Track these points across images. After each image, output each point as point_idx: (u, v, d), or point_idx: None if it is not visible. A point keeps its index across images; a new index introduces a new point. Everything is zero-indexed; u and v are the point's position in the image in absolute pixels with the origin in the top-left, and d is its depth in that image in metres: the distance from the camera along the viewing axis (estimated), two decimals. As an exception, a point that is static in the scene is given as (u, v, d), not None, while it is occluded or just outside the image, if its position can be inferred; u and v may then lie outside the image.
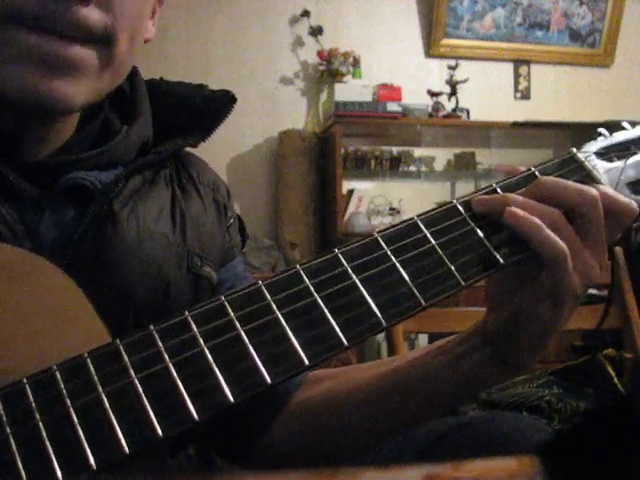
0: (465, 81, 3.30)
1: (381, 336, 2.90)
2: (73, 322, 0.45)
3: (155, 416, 0.39)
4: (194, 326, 0.42)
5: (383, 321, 0.44)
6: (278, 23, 3.32)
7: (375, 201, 3.37)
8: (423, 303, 0.46)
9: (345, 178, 3.13)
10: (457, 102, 3.30)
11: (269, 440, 0.66)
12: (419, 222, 0.49)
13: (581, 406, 1.14)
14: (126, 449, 0.38)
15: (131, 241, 0.60)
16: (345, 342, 0.43)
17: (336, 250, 0.47)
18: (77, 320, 0.45)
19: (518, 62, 3.60)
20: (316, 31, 3.24)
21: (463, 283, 0.47)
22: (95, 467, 0.37)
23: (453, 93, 3.31)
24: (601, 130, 0.60)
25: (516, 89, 3.62)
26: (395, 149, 3.38)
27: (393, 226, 0.49)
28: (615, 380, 1.22)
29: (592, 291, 2.84)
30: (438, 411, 0.62)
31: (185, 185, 0.69)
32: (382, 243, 0.48)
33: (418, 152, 3.41)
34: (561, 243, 0.48)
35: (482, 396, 1.22)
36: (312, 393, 0.66)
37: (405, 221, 0.49)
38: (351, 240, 0.48)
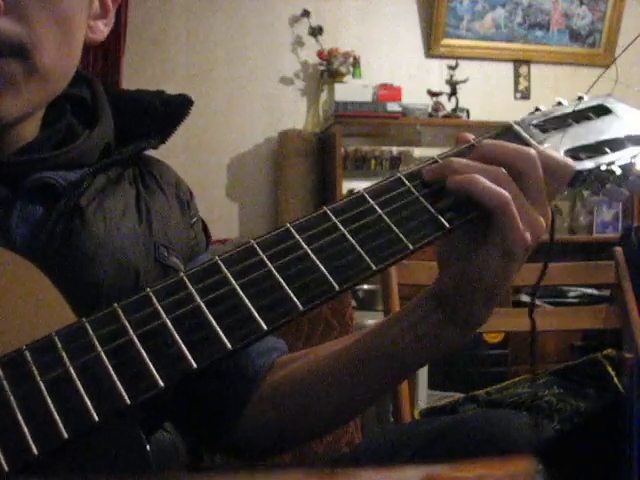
0: (465, 81, 3.30)
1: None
2: (42, 310, 0.47)
3: (122, 385, 0.41)
4: (155, 300, 0.45)
5: (336, 285, 0.46)
6: (278, 23, 3.32)
7: (375, 201, 3.37)
8: (373, 267, 0.48)
9: (345, 178, 3.13)
10: (457, 102, 3.30)
11: (243, 425, 0.67)
12: (365, 195, 0.51)
13: (581, 406, 1.14)
14: (95, 417, 0.40)
15: (99, 235, 0.62)
16: (300, 307, 0.45)
17: (288, 224, 0.49)
18: (46, 308, 0.47)
19: (518, 62, 3.59)
20: (316, 31, 3.24)
21: (411, 247, 0.49)
22: (66, 436, 0.39)
23: (453, 93, 3.31)
24: (538, 106, 0.62)
25: (516, 89, 3.62)
26: (395, 149, 3.38)
27: (341, 199, 0.51)
28: (615, 380, 1.22)
29: (592, 291, 2.84)
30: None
31: (149, 184, 0.72)
32: (330, 215, 0.50)
33: (418, 152, 3.42)
34: (500, 190, 0.50)
35: (482, 396, 1.22)
36: (282, 374, 0.68)
37: (353, 194, 0.52)
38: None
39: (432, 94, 3.29)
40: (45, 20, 0.57)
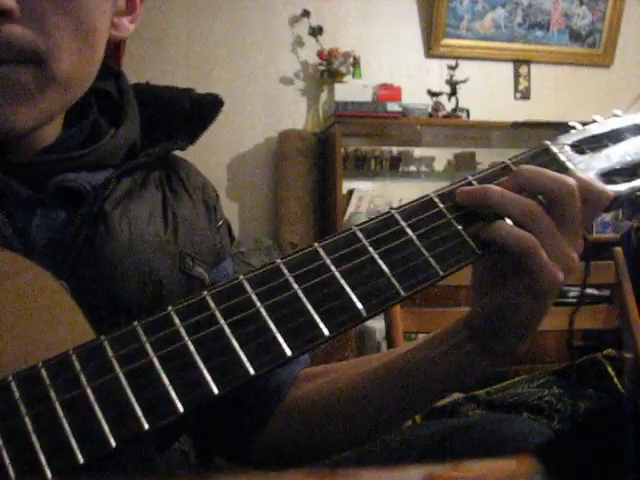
0: (465, 81, 3.30)
1: (381, 336, 2.90)
2: (58, 321, 0.46)
3: (140, 409, 0.40)
4: (177, 320, 0.43)
5: (364, 311, 0.45)
6: (278, 23, 3.32)
7: (375, 201, 3.37)
8: (402, 293, 0.46)
9: (345, 178, 3.13)
10: (457, 102, 3.30)
11: (265, 437, 0.67)
12: (396, 215, 0.50)
13: (581, 406, 1.14)
14: (112, 443, 0.39)
15: (123, 242, 0.60)
16: (326, 332, 0.44)
17: (315, 244, 0.48)
18: (62, 319, 0.46)
19: (518, 62, 3.59)
20: (316, 31, 3.24)
21: (441, 273, 0.48)
22: (82, 461, 0.38)
23: (453, 93, 3.31)
24: (574, 123, 0.61)
25: (516, 89, 3.62)
26: (395, 149, 3.37)
27: (371, 219, 0.50)
28: (615, 380, 1.22)
29: (592, 291, 2.84)
30: (426, 404, 0.64)
31: (175, 187, 0.69)
32: (360, 236, 0.48)
33: (418, 152, 3.41)
34: (526, 235, 0.49)
35: (482, 396, 1.22)
36: (305, 390, 0.67)
37: (383, 214, 0.50)
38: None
39: (432, 94, 3.29)
40: (64, 26, 0.54)
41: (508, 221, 0.50)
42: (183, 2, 3.22)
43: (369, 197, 3.36)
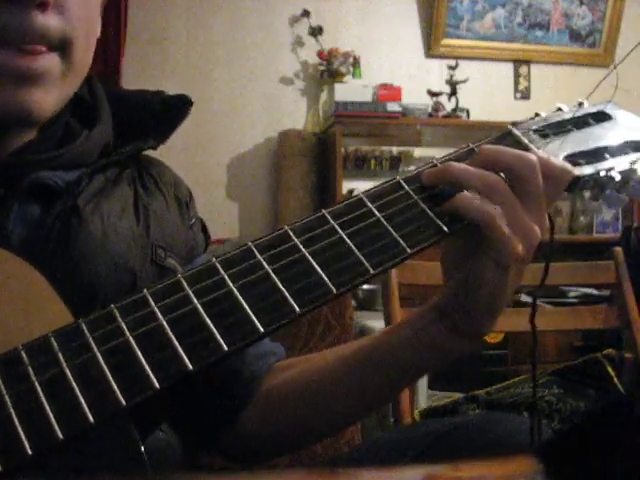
0: (465, 81, 3.30)
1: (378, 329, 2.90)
2: (38, 309, 0.47)
3: (118, 386, 0.41)
4: (152, 302, 0.44)
5: (333, 288, 0.46)
6: (278, 23, 3.32)
7: (375, 201, 3.37)
8: (371, 270, 0.48)
9: (345, 178, 3.13)
10: (457, 102, 3.30)
11: (241, 427, 0.67)
12: (364, 197, 0.51)
13: (581, 406, 1.14)
14: (91, 419, 0.40)
15: (97, 236, 0.62)
16: (297, 309, 0.45)
17: (285, 227, 0.49)
18: (42, 307, 0.47)
19: (518, 62, 3.59)
20: (316, 31, 3.24)
21: (409, 250, 0.49)
22: (61, 437, 0.39)
23: (453, 93, 3.31)
24: (538, 112, 0.62)
25: (516, 89, 3.62)
26: (395, 149, 3.37)
27: (340, 202, 0.51)
28: (615, 380, 1.22)
29: (592, 291, 2.84)
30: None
31: (147, 184, 0.72)
32: (329, 218, 0.50)
33: (418, 152, 3.41)
34: (486, 206, 0.50)
35: (482, 396, 1.22)
36: (280, 379, 0.68)
37: (351, 197, 0.52)
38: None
39: (432, 94, 3.29)
40: (81, 15, 0.59)
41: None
42: (183, 2, 3.22)
43: (369, 197, 3.35)
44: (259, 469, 0.75)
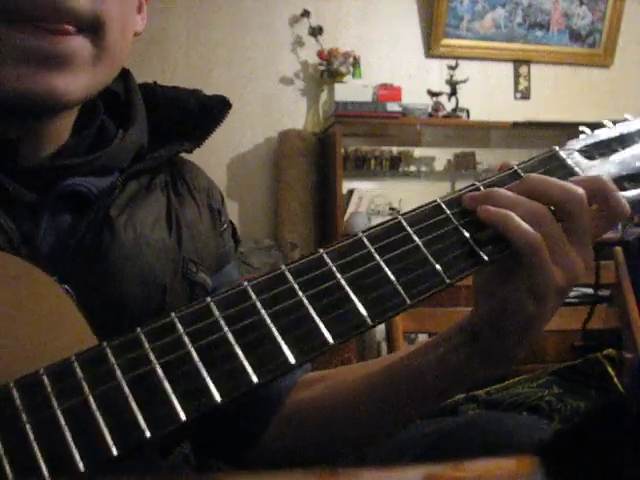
0: (465, 81, 3.30)
1: (381, 336, 2.90)
2: (61, 327, 0.45)
3: (143, 417, 0.39)
4: (180, 327, 0.42)
5: (368, 320, 0.44)
6: (278, 23, 3.32)
7: (375, 201, 3.37)
8: (408, 301, 0.46)
9: (345, 178, 3.13)
10: (457, 102, 3.30)
11: (265, 442, 0.66)
12: (403, 221, 0.49)
13: (581, 406, 1.14)
14: (114, 451, 0.38)
15: (128, 248, 0.60)
16: (331, 340, 0.43)
17: (321, 250, 0.47)
18: (65, 325, 0.45)
19: (518, 62, 3.59)
20: (316, 31, 3.24)
21: (448, 281, 0.47)
22: (83, 469, 0.37)
23: (453, 93, 3.31)
24: (583, 128, 0.60)
25: (516, 89, 3.62)
26: (395, 149, 3.38)
27: (377, 225, 0.49)
28: (615, 380, 1.22)
29: (592, 291, 2.84)
30: (427, 408, 0.63)
31: (180, 191, 0.69)
32: (366, 242, 0.48)
33: (418, 152, 3.41)
34: (533, 232, 0.48)
35: (482, 396, 1.22)
36: (305, 395, 0.66)
37: (389, 220, 0.50)
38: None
39: (432, 94, 3.29)
40: (115, 0, 0.56)
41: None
42: (183, 2, 3.22)
43: (369, 197, 3.36)
44: (259, 469, 0.74)
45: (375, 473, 0.27)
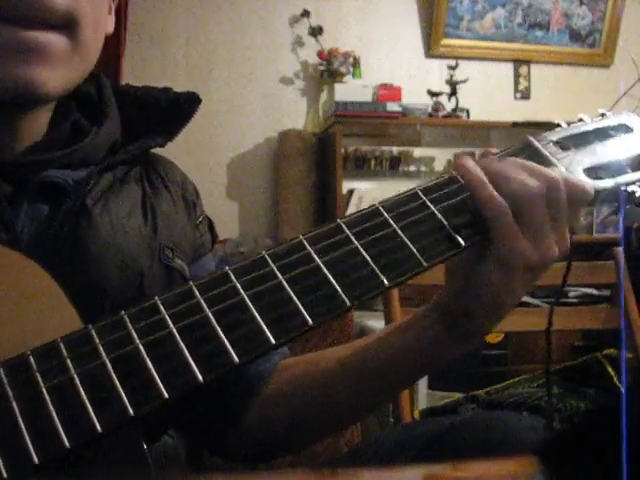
0: (465, 81, 3.30)
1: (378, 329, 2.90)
2: (47, 310, 0.46)
3: (126, 395, 0.40)
4: (162, 309, 0.44)
5: (347, 300, 0.45)
6: (278, 23, 3.32)
7: (375, 201, 3.37)
8: (386, 283, 0.47)
9: (345, 178, 3.13)
10: (457, 102, 3.29)
11: (246, 423, 0.67)
12: (380, 207, 0.51)
13: (581, 406, 1.14)
14: (99, 428, 0.39)
15: (105, 235, 0.62)
16: (310, 321, 0.44)
17: (300, 236, 0.48)
18: (51, 308, 0.46)
19: (518, 62, 3.59)
20: (316, 31, 3.24)
21: (425, 264, 0.48)
22: (68, 446, 0.38)
23: (453, 93, 3.30)
24: (559, 121, 0.62)
25: (516, 89, 3.62)
26: (395, 149, 3.37)
27: (356, 212, 0.50)
28: (615, 380, 1.22)
29: (592, 291, 2.84)
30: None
31: (155, 183, 0.72)
32: (344, 227, 0.49)
33: (418, 152, 3.41)
34: (500, 198, 0.50)
35: (482, 396, 1.22)
36: (283, 378, 0.68)
37: (367, 207, 0.51)
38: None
39: (432, 94, 3.29)
40: None
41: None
42: (183, 2, 3.22)
43: (369, 197, 3.35)
44: (260, 469, 0.75)
45: (375, 473, 0.28)
